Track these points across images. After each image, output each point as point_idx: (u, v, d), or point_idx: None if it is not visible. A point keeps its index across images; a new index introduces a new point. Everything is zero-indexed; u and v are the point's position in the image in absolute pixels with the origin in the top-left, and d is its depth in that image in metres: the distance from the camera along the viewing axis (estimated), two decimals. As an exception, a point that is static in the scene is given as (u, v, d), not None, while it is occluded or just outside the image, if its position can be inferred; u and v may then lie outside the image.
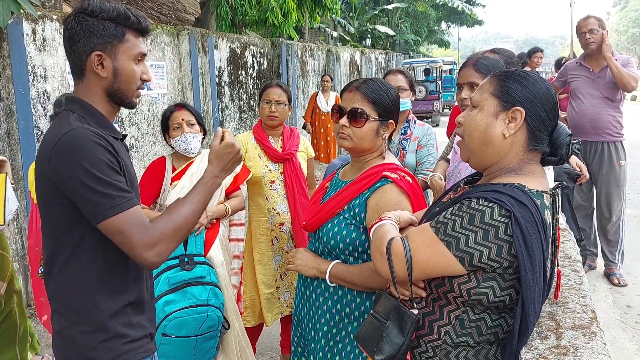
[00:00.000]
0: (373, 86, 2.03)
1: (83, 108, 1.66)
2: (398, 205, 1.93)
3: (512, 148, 1.50)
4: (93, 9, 1.62)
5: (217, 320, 2.72)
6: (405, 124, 3.40)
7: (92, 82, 1.67)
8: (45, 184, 1.61)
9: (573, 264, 2.21)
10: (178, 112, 3.07)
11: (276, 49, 10.11)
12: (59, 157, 1.54)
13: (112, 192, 1.53)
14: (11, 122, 4.60)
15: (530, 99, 1.48)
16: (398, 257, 1.48)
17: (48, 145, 1.57)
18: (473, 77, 2.50)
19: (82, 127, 1.57)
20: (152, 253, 1.54)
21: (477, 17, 32.92)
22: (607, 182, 5.03)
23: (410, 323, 1.50)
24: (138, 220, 1.55)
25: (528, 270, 1.36)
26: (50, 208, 1.63)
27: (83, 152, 1.52)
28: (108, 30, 1.63)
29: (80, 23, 1.62)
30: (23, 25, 4.67)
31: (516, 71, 1.55)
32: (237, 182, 3.23)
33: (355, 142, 2.02)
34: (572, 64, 5.25)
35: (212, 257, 2.92)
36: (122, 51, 1.66)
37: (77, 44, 1.63)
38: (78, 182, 1.51)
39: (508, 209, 1.37)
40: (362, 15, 25.67)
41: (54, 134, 1.59)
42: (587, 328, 1.67)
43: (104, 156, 1.55)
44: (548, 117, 1.48)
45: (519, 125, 1.48)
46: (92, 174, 1.51)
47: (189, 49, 7.24)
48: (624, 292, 4.89)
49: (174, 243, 1.60)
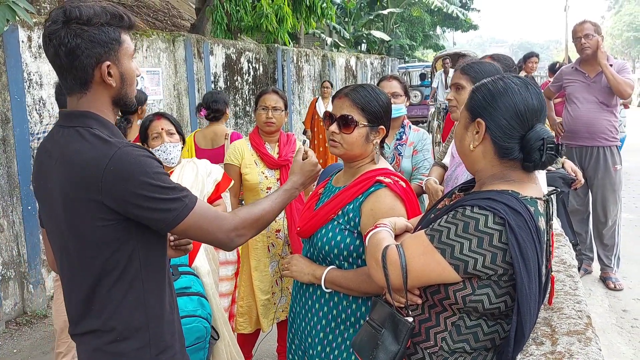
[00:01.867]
0: (362, 92, 2.05)
1: (98, 122, 1.57)
2: (392, 210, 1.93)
3: (485, 158, 1.53)
4: (88, 16, 1.50)
5: (204, 331, 2.67)
6: (401, 129, 3.42)
7: (100, 93, 1.58)
8: (84, 208, 1.51)
9: (568, 269, 2.22)
10: (157, 121, 3.03)
11: (272, 54, 10.13)
12: (116, 180, 1.47)
13: (177, 195, 1.54)
14: (7, 129, 4.59)
15: (490, 110, 1.49)
16: (393, 265, 1.48)
17: (92, 169, 1.48)
18: (457, 78, 2.59)
19: (124, 145, 1.52)
20: (233, 234, 1.64)
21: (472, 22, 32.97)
22: (602, 187, 5.05)
23: (405, 331, 1.50)
24: (209, 211, 1.61)
25: (524, 277, 1.37)
26: (92, 231, 1.53)
27: (140, 170, 1.48)
28: (109, 36, 1.53)
29: (80, 35, 1.49)
30: (19, 32, 4.68)
31: (487, 82, 1.56)
32: (218, 191, 3.20)
33: (345, 149, 2.04)
34: (567, 69, 5.27)
35: (197, 266, 2.87)
36: (123, 54, 1.58)
37: (80, 58, 1.51)
38: (144, 198, 1.49)
39: (502, 217, 1.38)
40: (358, 20, 25.72)
41: (94, 156, 1.49)
42: (583, 334, 1.68)
43: (156, 166, 1.54)
44: (511, 125, 1.47)
45: (481, 136, 1.51)
46: (157, 186, 1.50)
47: (185, 55, 7.25)
48: (620, 296, 4.91)
49: (253, 230, 1.71)
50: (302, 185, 1.98)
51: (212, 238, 1.62)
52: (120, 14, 1.56)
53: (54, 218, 1.61)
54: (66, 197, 1.52)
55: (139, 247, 1.58)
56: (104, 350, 1.60)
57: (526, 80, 1.54)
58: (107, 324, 1.59)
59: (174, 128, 3.06)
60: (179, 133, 3.09)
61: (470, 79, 2.49)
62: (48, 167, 1.58)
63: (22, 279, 4.74)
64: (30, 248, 4.74)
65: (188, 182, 2.98)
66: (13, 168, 4.63)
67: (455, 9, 27.11)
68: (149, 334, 1.61)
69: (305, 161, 2.00)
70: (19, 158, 4.63)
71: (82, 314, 1.62)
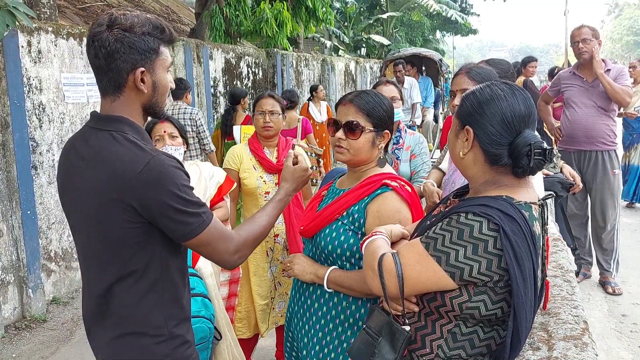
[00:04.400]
0: (367, 98, 2.07)
1: (132, 128, 1.64)
2: (399, 213, 1.96)
3: (476, 165, 1.54)
4: (132, 23, 1.59)
5: (208, 332, 2.70)
6: (397, 133, 3.43)
7: (132, 98, 1.65)
8: (114, 208, 1.58)
9: (565, 274, 2.22)
10: (160, 124, 3.06)
11: (271, 59, 10.14)
12: (147, 186, 1.55)
13: (197, 210, 1.62)
14: (6, 134, 4.60)
15: (477, 117, 1.51)
16: (389, 274, 1.49)
17: (127, 172, 1.55)
18: (465, 84, 2.53)
19: (159, 154, 1.60)
20: (235, 257, 1.72)
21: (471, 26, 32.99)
22: (601, 191, 5.05)
23: (402, 340, 1.51)
24: (220, 231, 1.69)
25: (519, 283, 1.37)
26: (116, 231, 1.60)
27: (171, 180, 1.57)
28: (148, 45, 1.61)
29: (120, 40, 1.57)
30: (18, 37, 4.69)
31: (475, 89, 1.57)
32: (221, 193, 3.23)
33: (352, 155, 2.06)
34: (565, 73, 5.27)
35: (200, 268, 2.91)
36: (158, 64, 1.65)
37: (117, 62, 1.58)
38: (169, 207, 1.56)
39: (496, 223, 1.38)
40: (357, 24, 25.74)
41: (130, 159, 1.56)
42: (579, 339, 1.68)
43: (184, 179, 1.62)
44: (498, 132, 1.48)
45: (470, 144, 1.52)
46: (182, 199, 1.58)
47: (184, 59, 7.27)
48: (619, 300, 4.90)
49: (252, 248, 1.80)
50: (295, 191, 2.02)
51: (217, 258, 1.71)
52: (163, 27, 1.65)
53: (79, 215, 1.68)
54: (100, 196, 1.59)
55: (161, 250, 1.66)
56: (122, 341, 1.68)
57: (514, 87, 1.54)
58: (123, 322, 1.67)
59: (177, 131, 3.09)
60: (182, 136, 3.12)
61: (476, 84, 2.46)
62: (77, 166, 1.65)
63: (22, 283, 4.74)
64: (29, 252, 4.74)
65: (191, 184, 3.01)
66: (12, 173, 4.63)
67: (454, 13, 27.12)
68: (167, 331, 1.69)
69: (296, 167, 2.02)
70: (18, 163, 4.64)
71: (99, 312, 1.69)
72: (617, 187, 5.07)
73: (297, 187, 2.02)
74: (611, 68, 4.89)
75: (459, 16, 27.67)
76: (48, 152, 5.08)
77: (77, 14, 8.87)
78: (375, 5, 26.66)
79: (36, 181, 4.87)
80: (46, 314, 4.88)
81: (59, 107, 5.20)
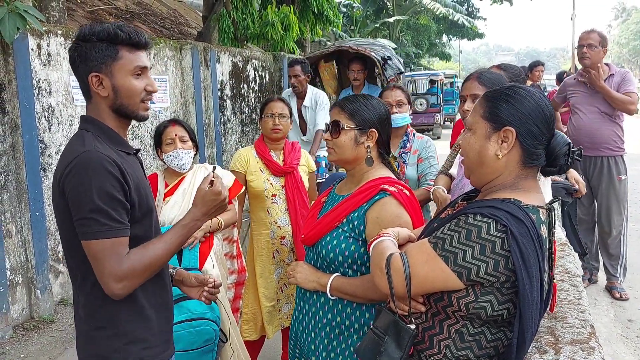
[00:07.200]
0: (352, 100, 2.15)
1: (96, 127, 1.77)
2: (398, 218, 1.96)
3: (507, 167, 1.54)
4: (85, 33, 1.72)
5: (213, 334, 2.72)
6: (405, 137, 3.44)
7: (98, 102, 1.78)
8: (60, 198, 1.67)
9: (572, 278, 2.22)
10: (172, 127, 3.10)
11: (278, 62, 10.16)
12: (70, 176, 1.63)
13: (102, 219, 1.61)
14: (16, 136, 4.64)
15: (519, 116, 1.51)
16: (397, 273, 1.50)
17: (64, 162, 1.68)
18: (476, 89, 2.53)
19: (95, 151, 1.65)
20: (119, 285, 1.63)
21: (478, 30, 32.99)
22: (607, 197, 5.03)
23: (407, 338, 1.52)
24: (115, 251, 1.62)
25: (526, 284, 1.39)
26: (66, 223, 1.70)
27: (92, 178, 1.62)
28: (101, 52, 1.71)
29: (77, 49, 1.73)
30: (28, 40, 4.73)
31: (503, 89, 1.58)
32: (229, 197, 3.24)
33: (338, 154, 2.12)
34: (570, 80, 5.29)
35: (207, 270, 2.92)
36: (117, 69, 1.73)
37: (78, 69, 1.75)
38: (79, 201, 1.61)
39: (504, 224, 1.40)
40: (364, 28, 25.79)
41: (70, 151, 1.69)
42: (586, 343, 1.68)
43: (110, 184, 1.63)
44: (541, 131, 1.50)
45: (511, 144, 1.51)
46: (92, 201, 1.60)
47: (192, 62, 7.29)
48: (625, 306, 4.89)
49: (141, 279, 1.68)
50: (205, 216, 1.83)
51: (102, 279, 1.64)
52: (116, 32, 1.72)
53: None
54: (55, 189, 1.71)
55: None
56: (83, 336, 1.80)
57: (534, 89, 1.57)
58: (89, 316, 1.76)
59: (187, 135, 3.13)
60: (192, 140, 3.16)
61: (486, 89, 2.44)
62: None
63: (30, 284, 4.77)
64: (37, 254, 4.77)
65: None
66: (22, 174, 4.67)
67: (461, 17, 27.13)
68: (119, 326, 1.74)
69: (208, 190, 1.83)
70: (27, 164, 4.67)
71: (76, 301, 1.80)
72: (623, 193, 5.06)
73: (209, 212, 1.83)
74: (615, 72, 4.88)
75: (466, 20, 27.69)
76: (57, 154, 5.12)
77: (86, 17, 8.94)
78: (382, 9, 26.71)
79: (45, 183, 4.91)
80: (54, 315, 4.90)
81: (68, 110, 5.23)
